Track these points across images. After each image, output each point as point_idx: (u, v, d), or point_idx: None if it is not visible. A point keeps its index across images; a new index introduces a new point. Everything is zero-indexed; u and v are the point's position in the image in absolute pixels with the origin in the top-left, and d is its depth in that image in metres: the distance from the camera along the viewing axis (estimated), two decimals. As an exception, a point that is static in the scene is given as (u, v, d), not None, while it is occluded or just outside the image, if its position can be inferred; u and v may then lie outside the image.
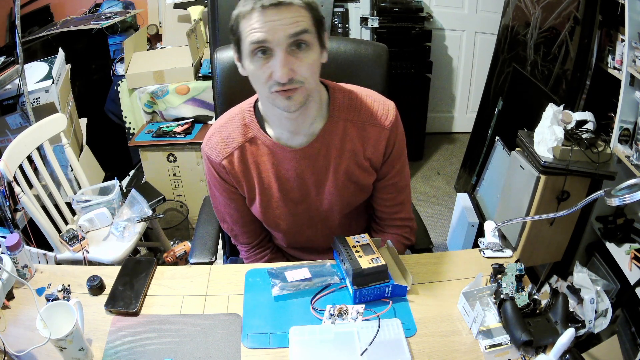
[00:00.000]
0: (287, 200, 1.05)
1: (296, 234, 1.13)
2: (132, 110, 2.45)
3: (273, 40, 0.80)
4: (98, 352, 0.86)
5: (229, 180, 1.03)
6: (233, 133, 0.99)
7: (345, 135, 0.98)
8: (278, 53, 0.81)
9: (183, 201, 2.39)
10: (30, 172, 1.62)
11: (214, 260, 1.22)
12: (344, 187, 1.03)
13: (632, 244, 1.52)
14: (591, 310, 0.85)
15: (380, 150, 1.00)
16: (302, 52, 0.83)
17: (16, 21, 1.80)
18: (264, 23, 0.79)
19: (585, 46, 1.70)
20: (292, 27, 0.80)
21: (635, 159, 1.46)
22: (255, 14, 0.79)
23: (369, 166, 1.02)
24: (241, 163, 1.00)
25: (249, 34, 0.80)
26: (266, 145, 0.99)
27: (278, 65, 0.81)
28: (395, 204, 1.12)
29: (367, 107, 0.98)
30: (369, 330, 0.87)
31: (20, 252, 0.99)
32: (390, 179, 1.07)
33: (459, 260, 1.08)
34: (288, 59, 0.81)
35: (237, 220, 1.12)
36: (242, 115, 1.00)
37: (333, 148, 0.99)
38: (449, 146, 3.42)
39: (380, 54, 1.20)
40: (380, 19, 2.85)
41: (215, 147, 1.00)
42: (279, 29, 0.79)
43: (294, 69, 0.82)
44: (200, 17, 2.52)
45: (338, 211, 1.08)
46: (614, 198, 0.85)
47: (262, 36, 0.79)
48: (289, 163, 0.99)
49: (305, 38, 0.82)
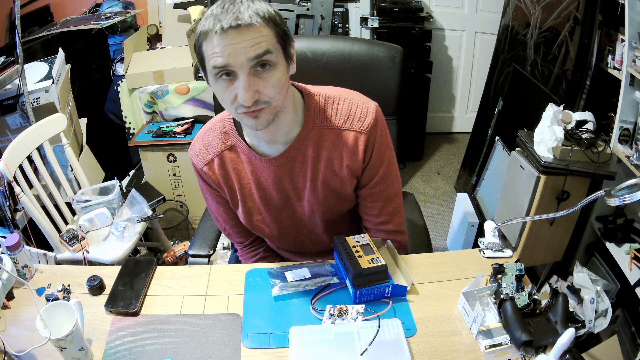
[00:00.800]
0: (269, 207, 1.04)
1: (282, 239, 1.13)
2: (132, 110, 2.45)
3: (235, 64, 0.78)
4: (98, 352, 0.86)
5: (213, 185, 1.05)
6: (213, 141, 1.00)
7: (320, 142, 0.96)
8: (241, 76, 0.79)
9: (183, 201, 2.39)
10: (30, 172, 1.62)
11: (212, 253, 1.23)
12: (323, 195, 1.01)
13: (632, 244, 1.52)
14: (591, 310, 0.85)
15: (359, 156, 0.96)
16: (267, 72, 0.80)
17: (16, 21, 1.80)
18: (225, 47, 0.76)
19: (585, 46, 1.70)
20: (253, 49, 0.77)
21: (635, 159, 1.46)
22: (215, 37, 0.77)
23: (348, 174, 0.98)
24: (221, 169, 1.01)
25: (211, 58, 0.79)
26: (244, 153, 0.99)
27: (242, 88, 0.79)
28: (382, 214, 1.06)
29: (343, 112, 0.95)
30: (369, 330, 0.87)
31: (20, 252, 0.99)
32: (374, 187, 1.02)
33: (459, 260, 1.08)
34: (252, 81, 0.79)
35: (227, 221, 1.14)
36: (222, 124, 1.00)
37: (309, 156, 0.96)
38: (449, 146, 3.42)
39: (394, 55, 1.20)
40: (380, 19, 2.85)
41: (198, 153, 1.02)
42: (240, 52, 0.77)
43: (259, 90, 0.81)
44: (200, 17, 2.51)
45: (320, 218, 1.05)
46: (614, 198, 0.85)
47: (223, 61, 0.77)
48: (266, 171, 0.99)
49: (268, 58, 0.79)
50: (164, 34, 2.71)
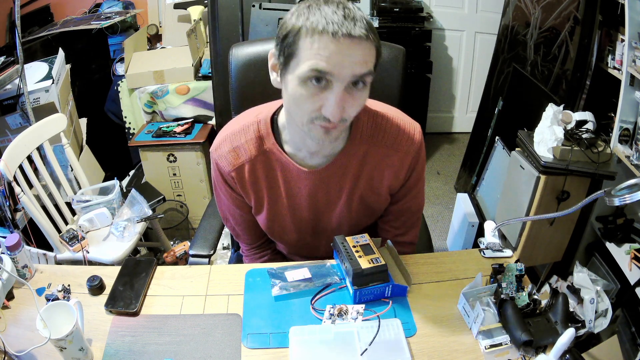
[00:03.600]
0: (295, 217, 1.02)
1: (300, 246, 1.12)
2: (132, 110, 2.45)
3: (338, 75, 0.73)
4: (98, 352, 0.86)
5: (237, 190, 1.00)
6: (246, 144, 0.94)
7: (365, 159, 0.94)
8: (336, 89, 0.74)
9: (183, 201, 2.39)
10: (30, 172, 1.62)
11: (213, 253, 1.22)
12: (356, 210, 1.01)
13: (632, 244, 1.52)
14: (591, 310, 0.85)
15: (401, 177, 0.96)
16: (359, 91, 0.77)
17: (16, 21, 1.80)
18: (334, 53, 0.71)
19: (585, 46, 1.70)
20: (360, 66, 0.73)
21: (635, 159, 1.46)
22: (325, 38, 0.71)
23: (386, 192, 0.99)
24: (252, 176, 0.96)
25: (312, 58, 0.72)
26: (280, 161, 0.94)
27: (334, 103, 0.74)
28: (403, 226, 1.09)
29: (392, 131, 0.93)
30: (369, 330, 0.87)
31: (20, 252, 0.99)
32: (405, 203, 1.03)
33: (459, 260, 1.08)
34: (344, 97, 0.75)
35: (240, 223, 1.11)
36: (257, 127, 0.93)
37: (350, 171, 0.95)
38: (449, 146, 3.42)
39: (397, 55, 1.18)
40: (380, 19, 2.85)
41: (226, 156, 0.95)
42: (347, 65, 0.72)
43: (346, 108, 0.77)
44: (200, 17, 2.52)
45: (347, 231, 1.04)
46: (614, 198, 0.85)
47: (327, 67, 0.72)
48: (302, 182, 0.95)
49: (367, 79, 0.76)
50: (164, 34, 2.71)
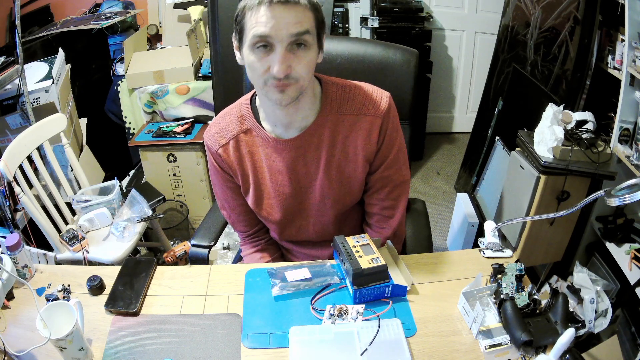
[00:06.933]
0: (279, 192, 1.07)
1: (287, 225, 1.15)
2: (132, 110, 2.45)
3: (276, 36, 0.83)
4: (98, 352, 0.86)
5: (226, 169, 1.08)
6: (230, 124, 1.04)
7: (337, 127, 1.00)
8: (278, 49, 0.84)
9: (183, 201, 2.39)
10: (30, 172, 1.62)
11: (214, 244, 1.26)
12: (336, 181, 1.04)
13: (632, 244, 1.52)
14: (591, 310, 0.85)
15: (373, 141, 1.01)
16: (302, 51, 0.86)
17: (16, 21, 1.80)
18: (270, 18, 0.81)
19: (585, 46, 1.70)
20: (295, 26, 0.83)
21: (635, 159, 1.46)
22: (262, 8, 0.82)
23: (362, 159, 1.03)
24: (236, 152, 1.04)
25: (254, 27, 0.83)
26: (260, 136, 1.02)
27: (277, 60, 0.84)
28: (388, 198, 1.09)
29: (360, 99, 1.00)
30: (369, 330, 0.87)
31: (20, 252, 0.99)
32: (384, 171, 1.05)
33: (459, 260, 1.08)
34: (287, 56, 0.85)
35: (234, 208, 1.16)
36: (239, 108, 1.04)
37: (324, 141, 1.01)
38: (449, 146, 3.42)
39: (409, 59, 1.19)
40: (380, 19, 2.85)
41: (213, 136, 1.06)
42: (283, 26, 0.82)
43: (292, 66, 0.86)
44: (200, 17, 2.52)
45: (331, 206, 1.08)
46: (614, 198, 0.85)
47: (266, 31, 0.82)
48: (281, 154, 1.02)
49: (306, 38, 0.85)
50: (164, 34, 2.71)
